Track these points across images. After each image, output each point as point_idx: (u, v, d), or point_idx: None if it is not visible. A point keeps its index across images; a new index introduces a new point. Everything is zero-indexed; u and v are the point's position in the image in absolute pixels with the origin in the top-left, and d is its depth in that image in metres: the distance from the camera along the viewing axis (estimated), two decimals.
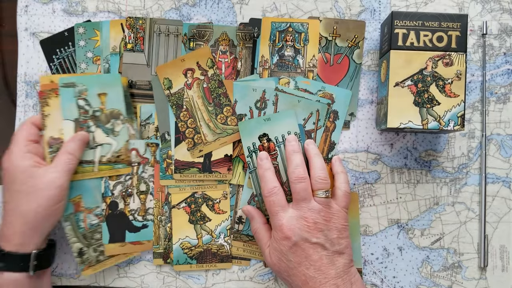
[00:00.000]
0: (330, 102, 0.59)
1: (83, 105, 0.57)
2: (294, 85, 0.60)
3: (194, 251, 0.60)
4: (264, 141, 0.58)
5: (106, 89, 0.58)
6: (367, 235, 0.60)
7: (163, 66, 0.60)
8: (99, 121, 0.58)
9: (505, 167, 0.61)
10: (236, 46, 0.61)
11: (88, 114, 0.58)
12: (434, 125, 0.54)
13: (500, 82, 0.61)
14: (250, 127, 0.58)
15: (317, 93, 0.59)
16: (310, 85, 0.60)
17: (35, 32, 0.61)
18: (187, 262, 0.60)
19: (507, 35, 0.61)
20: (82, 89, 0.57)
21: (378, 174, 0.61)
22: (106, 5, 0.62)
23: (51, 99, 0.57)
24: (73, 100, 0.57)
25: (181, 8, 0.62)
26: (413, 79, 0.54)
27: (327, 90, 0.59)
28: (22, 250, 0.51)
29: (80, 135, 0.57)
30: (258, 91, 0.59)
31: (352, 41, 0.61)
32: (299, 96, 0.58)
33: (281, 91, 0.59)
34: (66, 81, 0.57)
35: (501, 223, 0.60)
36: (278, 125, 0.58)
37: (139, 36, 0.61)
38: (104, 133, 0.58)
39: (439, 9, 0.61)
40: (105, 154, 0.58)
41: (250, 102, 0.60)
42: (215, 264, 0.60)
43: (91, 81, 0.58)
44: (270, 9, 0.61)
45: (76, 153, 0.56)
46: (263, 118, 0.58)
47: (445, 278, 0.60)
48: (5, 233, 0.52)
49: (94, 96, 0.58)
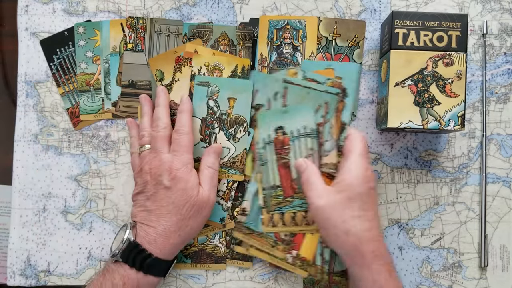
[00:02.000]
0: (340, 91, 0.58)
1: (212, 106, 0.58)
2: (302, 76, 0.59)
3: (189, 250, 0.60)
4: (279, 134, 0.57)
5: (237, 94, 0.58)
6: None
7: (156, 58, 0.60)
8: (223, 124, 0.58)
9: (505, 167, 0.61)
10: (236, 46, 0.61)
11: (215, 115, 0.58)
12: (434, 125, 0.54)
13: (500, 82, 0.61)
14: (268, 118, 0.58)
15: (325, 82, 0.58)
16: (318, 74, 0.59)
17: (35, 32, 0.61)
18: (182, 261, 0.60)
19: (508, 35, 0.61)
20: (215, 90, 0.58)
21: (378, 174, 0.61)
22: (106, 5, 0.62)
23: (185, 67, 0.58)
24: (204, 99, 0.58)
25: (181, 8, 0.62)
26: (413, 79, 0.54)
27: (335, 72, 0.58)
28: (168, 258, 0.55)
29: (215, 147, 0.57)
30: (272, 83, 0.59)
31: (353, 41, 0.61)
32: (308, 87, 0.57)
33: (289, 83, 0.58)
34: (202, 79, 0.58)
35: (501, 223, 0.60)
36: (295, 119, 0.57)
37: (139, 36, 0.61)
38: (226, 137, 0.58)
39: (440, 9, 0.61)
40: (222, 157, 0.58)
41: (269, 93, 0.59)
42: (209, 264, 0.60)
43: (224, 84, 0.58)
44: (270, 9, 0.61)
45: (214, 166, 0.56)
46: (282, 110, 0.57)
47: (445, 278, 0.60)
48: (158, 240, 0.53)
49: (224, 99, 0.58)
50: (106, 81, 0.61)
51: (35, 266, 0.61)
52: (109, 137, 0.61)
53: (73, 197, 0.61)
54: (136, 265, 0.52)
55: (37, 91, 0.61)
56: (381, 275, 0.49)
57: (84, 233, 0.61)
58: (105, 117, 0.61)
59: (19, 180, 0.61)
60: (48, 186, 0.61)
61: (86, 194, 0.61)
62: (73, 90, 0.61)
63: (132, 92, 0.61)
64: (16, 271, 0.60)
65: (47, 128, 0.61)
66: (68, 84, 0.61)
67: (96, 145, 0.61)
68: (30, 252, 0.61)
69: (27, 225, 0.61)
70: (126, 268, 0.52)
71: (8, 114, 0.63)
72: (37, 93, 0.61)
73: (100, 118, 0.61)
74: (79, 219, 0.61)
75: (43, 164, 0.61)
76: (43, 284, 0.60)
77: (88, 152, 0.61)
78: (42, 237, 0.61)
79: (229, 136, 0.59)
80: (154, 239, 0.53)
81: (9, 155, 0.62)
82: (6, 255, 0.61)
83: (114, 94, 0.61)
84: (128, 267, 0.52)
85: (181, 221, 0.53)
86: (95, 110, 0.61)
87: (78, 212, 0.61)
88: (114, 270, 0.53)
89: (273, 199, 0.58)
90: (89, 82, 0.61)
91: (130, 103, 0.61)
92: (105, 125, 0.61)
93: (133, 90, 0.61)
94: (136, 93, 0.61)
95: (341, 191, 0.51)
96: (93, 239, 0.61)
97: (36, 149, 0.61)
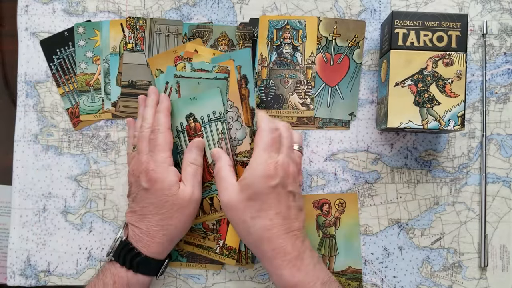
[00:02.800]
0: (227, 76, 0.57)
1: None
2: (190, 68, 0.58)
3: (185, 249, 0.60)
4: (191, 121, 0.57)
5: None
6: (367, 235, 0.60)
7: (155, 57, 0.60)
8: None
9: (505, 167, 0.61)
10: (236, 46, 0.61)
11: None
12: (434, 125, 0.54)
13: (500, 82, 0.61)
14: (177, 106, 0.57)
15: (212, 69, 0.58)
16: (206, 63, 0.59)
17: (35, 32, 0.61)
18: (178, 260, 0.60)
19: (507, 35, 0.61)
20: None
21: (378, 174, 0.61)
22: (106, 5, 0.62)
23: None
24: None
25: (181, 8, 0.62)
26: (413, 79, 0.54)
27: (235, 62, 0.57)
28: (158, 257, 0.54)
29: (196, 142, 0.56)
30: (162, 83, 0.59)
31: (352, 41, 0.61)
32: (198, 78, 0.57)
33: (180, 77, 0.58)
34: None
35: (501, 223, 0.60)
36: (204, 105, 0.57)
37: (139, 36, 0.61)
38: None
39: (439, 9, 0.61)
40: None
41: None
42: (204, 265, 0.60)
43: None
44: (270, 9, 0.61)
45: (197, 162, 0.56)
46: (190, 97, 0.57)
47: (445, 278, 0.60)
48: (144, 240, 0.53)
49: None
50: (106, 81, 0.61)
51: (35, 266, 0.61)
52: (109, 137, 0.61)
53: (73, 197, 0.61)
54: (126, 264, 0.53)
55: (37, 91, 0.61)
56: (285, 270, 0.49)
57: (84, 233, 0.61)
58: (105, 117, 0.61)
59: (19, 180, 0.61)
60: (48, 186, 0.61)
61: (86, 194, 0.61)
62: (73, 90, 0.61)
63: (132, 92, 0.61)
64: (16, 271, 0.60)
65: (47, 128, 0.61)
66: (68, 84, 0.61)
67: (96, 145, 0.61)
68: (30, 252, 0.61)
69: (27, 225, 0.61)
70: (117, 267, 0.53)
71: (8, 114, 0.63)
72: (37, 93, 0.61)
73: (100, 118, 0.61)
74: (79, 219, 0.61)
75: (43, 164, 0.61)
76: (43, 284, 0.61)
77: (88, 152, 0.61)
78: (42, 237, 0.61)
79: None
80: (140, 238, 0.53)
81: (9, 155, 0.62)
82: (6, 255, 0.61)
83: (114, 94, 0.61)
84: (119, 266, 0.53)
85: (162, 220, 0.53)
86: (95, 110, 0.61)
87: (78, 212, 0.61)
88: (107, 269, 0.53)
89: None
90: (89, 82, 0.61)
91: (130, 103, 0.61)
92: (105, 125, 0.61)
93: (133, 90, 0.61)
94: (136, 93, 0.61)
95: (243, 191, 0.51)
96: (93, 239, 0.61)
97: (36, 149, 0.61)
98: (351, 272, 0.60)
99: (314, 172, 0.61)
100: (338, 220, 0.60)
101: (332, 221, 0.60)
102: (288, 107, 0.61)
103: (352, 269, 0.60)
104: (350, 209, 0.60)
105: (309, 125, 0.61)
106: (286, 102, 0.61)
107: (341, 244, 0.60)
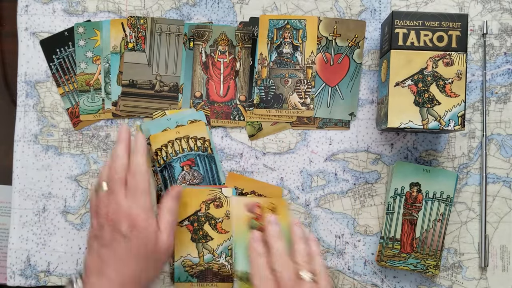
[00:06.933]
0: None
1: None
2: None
3: (195, 269, 0.59)
4: (414, 190, 0.58)
5: None
6: (368, 235, 0.60)
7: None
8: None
9: (506, 167, 0.61)
10: (235, 46, 0.61)
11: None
12: (435, 125, 0.54)
13: (500, 82, 0.61)
14: (407, 170, 0.58)
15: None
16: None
17: (35, 32, 0.61)
18: (188, 280, 0.59)
19: (508, 35, 0.61)
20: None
21: (379, 174, 0.61)
22: (106, 5, 0.62)
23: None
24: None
25: (181, 8, 0.62)
26: (413, 79, 0.54)
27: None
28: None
29: (175, 192, 0.55)
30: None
31: (353, 41, 0.61)
32: None
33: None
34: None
35: (502, 223, 0.60)
36: (435, 181, 0.58)
37: (140, 36, 0.61)
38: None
39: (440, 9, 0.61)
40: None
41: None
42: (215, 283, 0.59)
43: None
44: (270, 9, 0.61)
45: (175, 212, 0.54)
46: (423, 168, 0.58)
47: (445, 278, 0.60)
48: (97, 284, 0.49)
49: None
50: (107, 80, 0.61)
51: (35, 266, 0.60)
52: (109, 137, 0.61)
53: (73, 197, 0.61)
54: None
55: (37, 91, 0.61)
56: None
57: (84, 233, 0.61)
58: (105, 117, 0.61)
59: (19, 180, 0.61)
60: (48, 186, 0.61)
61: (86, 194, 0.61)
62: (73, 90, 0.61)
63: (132, 92, 0.61)
64: (16, 271, 0.60)
65: (47, 128, 0.61)
66: (68, 84, 0.61)
67: (96, 145, 0.61)
68: (30, 252, 0.61)
69: (27, 225, 0.61)
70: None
71: (8, 114, 0.63)
72: (37, 93, 0.61)
73: (100, 118, 0.61)
74: (79, 219, 0.61)
75: (43, 164, 0.61)
76: (43, 284, 0.60)
77: (88, 152, 0.61)
78: (42, 237, 0.61)
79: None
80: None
81: (9, 155, 0.62)
82: (6, 255, 0.61)
83: (114, 93, 0.61)
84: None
85: (139, 271, 0.50)
86: (95, 110, 0.61)
87: (78, 212, 0.61)
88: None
89: (388, 250, 0.58)
90: (89, 82, 0.61)
91: (130, 103, 0.61)
92: (105, 125, 0.61)
93: (134, 89, 0.61)
94: (136, 93, 0.61)
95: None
96: None
97: (36, 149, 0.61)
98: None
99: (314, 172, 0.61)
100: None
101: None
102: (288, 106, 0.61)
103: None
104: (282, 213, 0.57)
105: (309, 125, 0.61)
106: (286, 102, 0.61)
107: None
